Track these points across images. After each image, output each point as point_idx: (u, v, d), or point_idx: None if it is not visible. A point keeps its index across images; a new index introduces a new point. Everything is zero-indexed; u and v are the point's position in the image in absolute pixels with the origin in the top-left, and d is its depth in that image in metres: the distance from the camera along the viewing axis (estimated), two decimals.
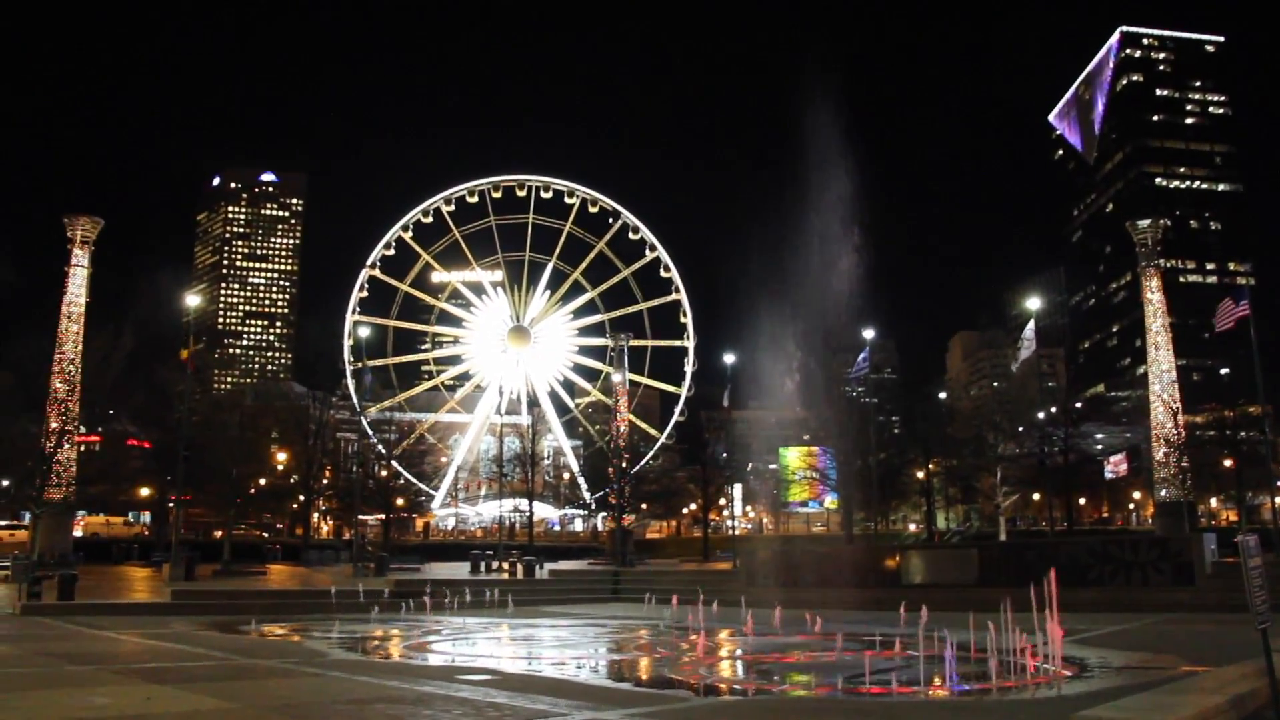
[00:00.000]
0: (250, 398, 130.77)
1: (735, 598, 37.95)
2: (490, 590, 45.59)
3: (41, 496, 70.99)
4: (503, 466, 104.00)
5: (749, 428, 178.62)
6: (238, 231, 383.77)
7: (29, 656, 24.19)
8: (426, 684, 18.76)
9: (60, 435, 73.05)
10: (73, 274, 77.14)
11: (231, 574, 62.68)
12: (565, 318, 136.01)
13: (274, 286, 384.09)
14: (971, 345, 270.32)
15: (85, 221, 78.01)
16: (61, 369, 74.76)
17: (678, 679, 22.07)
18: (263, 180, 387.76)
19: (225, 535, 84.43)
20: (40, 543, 70.40)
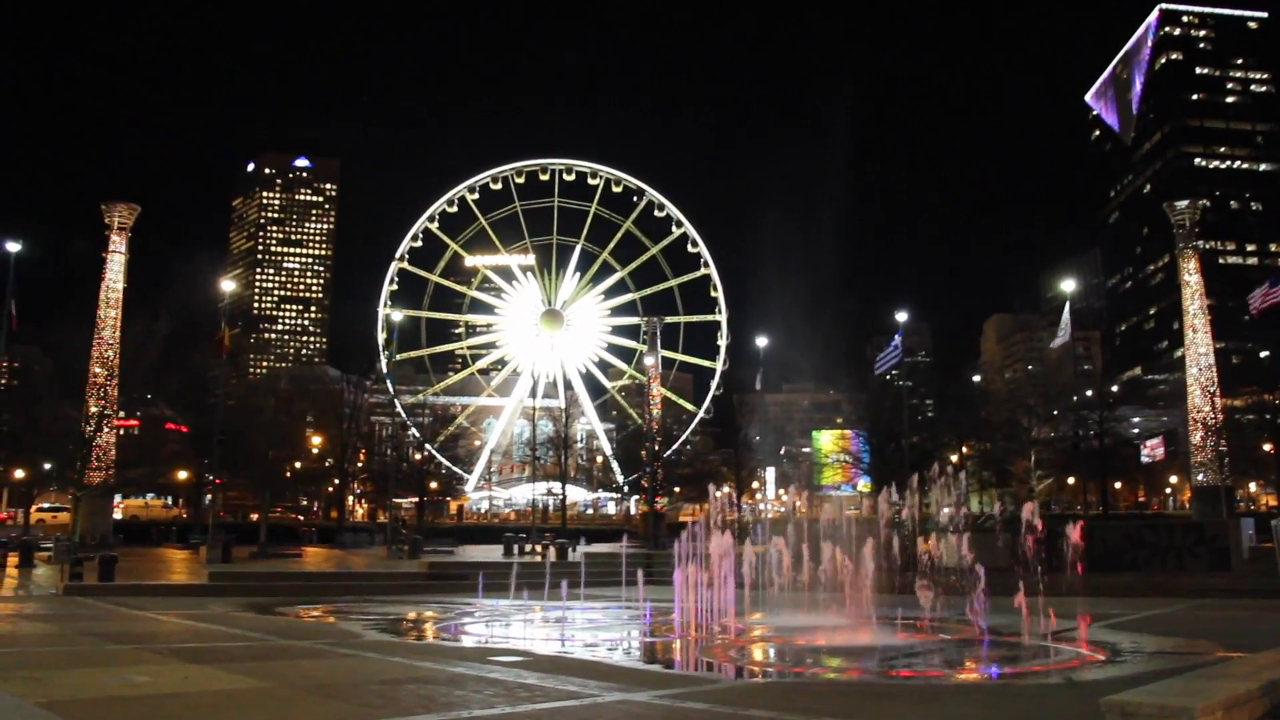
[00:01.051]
0: (285, 382, 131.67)
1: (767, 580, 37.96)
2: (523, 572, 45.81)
3: (82, 480, 71.93)
4: (536, 450, 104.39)
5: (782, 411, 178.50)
6: (272, 217, 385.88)
7: (71, 636, 24.58)
8: (458, 665, 18.91)
9: (99, 419, 73.96)
10: (111, 260, 78.08)
11: (268, 556, 63.29)
12: (596, 299, 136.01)
13: (308, 271, 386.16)
14: (1006, 328, 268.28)
15: (122, 208, 78.89)
16: (100, 354, 75.69)
17: (708, 661, 22.13)
18: (297, 166, 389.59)
19: (262, 518, 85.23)
20: (81, 525, 71.42)
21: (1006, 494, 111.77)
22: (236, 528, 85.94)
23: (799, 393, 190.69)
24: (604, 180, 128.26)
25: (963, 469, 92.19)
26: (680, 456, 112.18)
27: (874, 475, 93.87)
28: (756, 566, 32.10)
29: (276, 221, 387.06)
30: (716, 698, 15.80)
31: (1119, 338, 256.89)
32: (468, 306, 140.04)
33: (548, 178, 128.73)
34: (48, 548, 61.65)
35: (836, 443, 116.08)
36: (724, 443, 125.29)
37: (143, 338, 79.03)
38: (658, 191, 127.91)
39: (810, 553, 31.03)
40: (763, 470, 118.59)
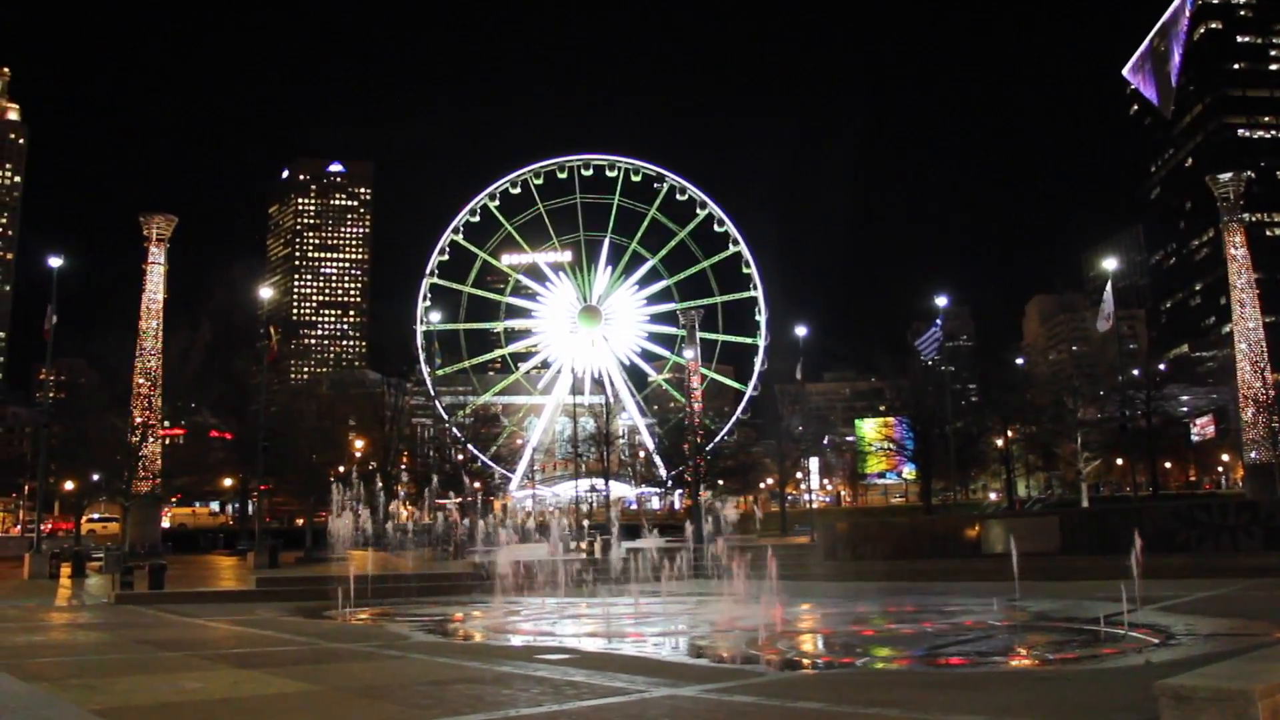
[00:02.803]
0: (326, 386, 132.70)
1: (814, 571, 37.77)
2: (568, 570, 45.84)
3: (130, 490, 72.96)
4: (578, 447, 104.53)
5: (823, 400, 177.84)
6: (308, 223, 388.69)
7: (123, 643, 24.82)
8: (505, 664, 18.89)
9: (145, 430, 74.96)
10: (150, 271, 79.04)
11: (314, 560, 63.72)
12: (631, 291, 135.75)
13: (346, 276, 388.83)
14: (1048, 309, 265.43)
15: (160, 220, 79.82)
16: (143, 365, 76.64)
17: (756, 654, 22.00)
18: (331, 171, 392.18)
19: (307, 522, 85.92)
20: (130, 534, 72.46)
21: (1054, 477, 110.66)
22: (282, 533, 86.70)
23: (840, 381, 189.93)
24: (623, 171, 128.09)
25: (1008, 453, 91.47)
26: (723, 449, 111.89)
27: (919, 462, 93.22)
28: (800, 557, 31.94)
29: (312, 227, 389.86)
30: (765, 690, 15.66)
31: (1164, 315, 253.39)
32: (504, 312, 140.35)
33: (566, 176, 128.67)
34: (99, 557, 62.42)
35: (880, 430, 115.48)
36: (766, 434, 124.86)
37: (184, 347, 79.99)
38: (678, 176, 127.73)
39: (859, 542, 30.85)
40: (806, 460, 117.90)
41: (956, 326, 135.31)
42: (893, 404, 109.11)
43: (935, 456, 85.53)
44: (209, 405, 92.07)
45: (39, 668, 18.96)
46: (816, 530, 67.09)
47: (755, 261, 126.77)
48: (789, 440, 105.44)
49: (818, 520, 78.50)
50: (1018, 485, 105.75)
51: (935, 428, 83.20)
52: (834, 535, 54.03)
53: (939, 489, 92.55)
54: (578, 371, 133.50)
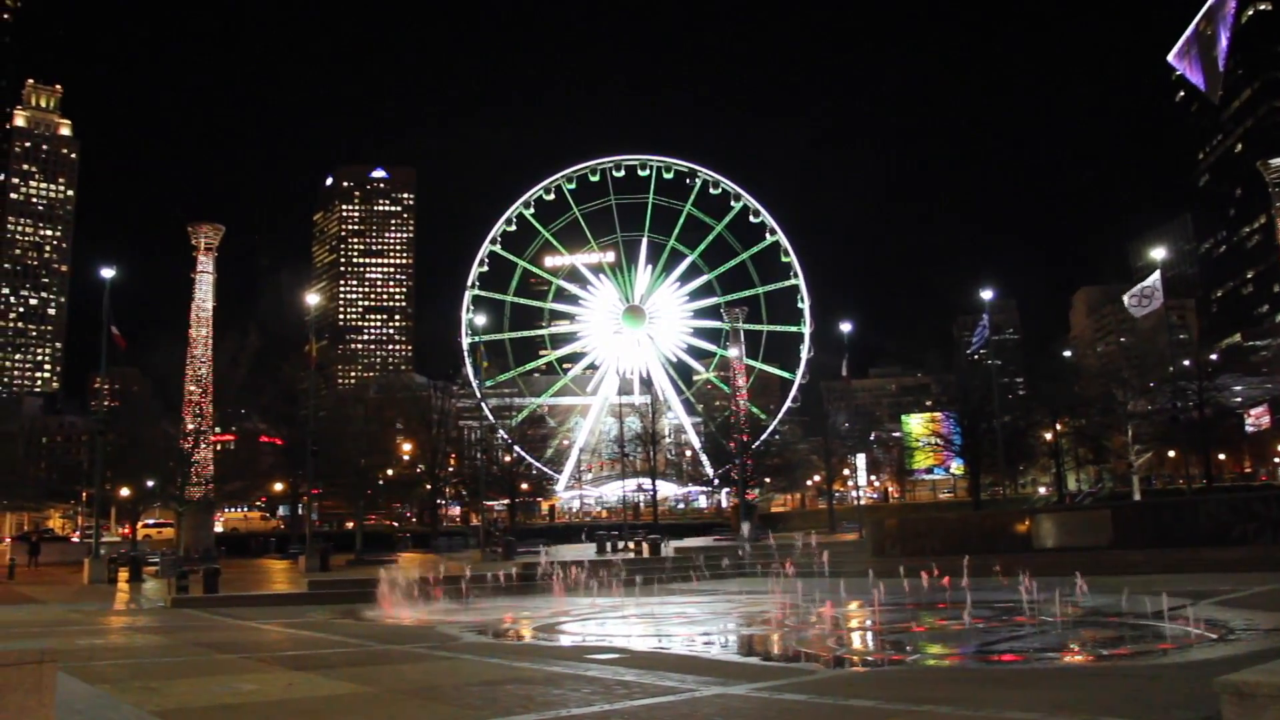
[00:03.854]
0: (374, 391, 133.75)
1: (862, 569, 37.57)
2: (617, 570, 45.92)
3: (183, 495, 73.98)
4: (624, 447, 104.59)
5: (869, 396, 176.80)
6: (353, 229, 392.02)
7: (180, 646, 25.19)
8: (556, 664, 18.97)
9: (197, 436, 76.00)
10: (200, 280, 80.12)
11: (364, 563, 64.26)
12: (673, 289, 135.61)
13: (391, 281, 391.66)
14: (1095, 300, 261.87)
15: (208, 229, 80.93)
16: (194, 372, 77.69)
17: (806, 651, 21.93)
18: (373, 177, 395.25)
19: (357, 526, 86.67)
20: (185, 539, 73.50)
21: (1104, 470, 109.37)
22: (333, 536, 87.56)
23: (886, 377, 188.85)
24: (655, 169, 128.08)
25: (1058, 446, 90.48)
26: (769, 447, 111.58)
27: (966, 457, 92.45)
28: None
29: (357, 233, 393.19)
30: (816, 688, 15.63)
31: (1215, 304, 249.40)
32: (548, 318, 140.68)
33: (599, 178, 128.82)
34: (155, 562, 63.41)
35: (926, 426, 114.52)
36: (812, 431, 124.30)
37: (234, 354, 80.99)
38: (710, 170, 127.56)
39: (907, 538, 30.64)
40: (853, 457, 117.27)
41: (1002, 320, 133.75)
42: (939, 399, 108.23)
43: (983, 451, 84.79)
44: (259, 411, 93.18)
45: (100, 670, 19.29)
46: (865, 527, 66.74)
47: (794, 249, 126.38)
48: (835, 437, 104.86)
49: (866, 517, 78.05)
50: (1067, 479, 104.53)
51: (983, 422, 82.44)
52: (882, 531, 53.69)
53: (987, 484, 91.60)
54: (623, 372, 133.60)
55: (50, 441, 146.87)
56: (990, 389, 75.83)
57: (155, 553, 72.29)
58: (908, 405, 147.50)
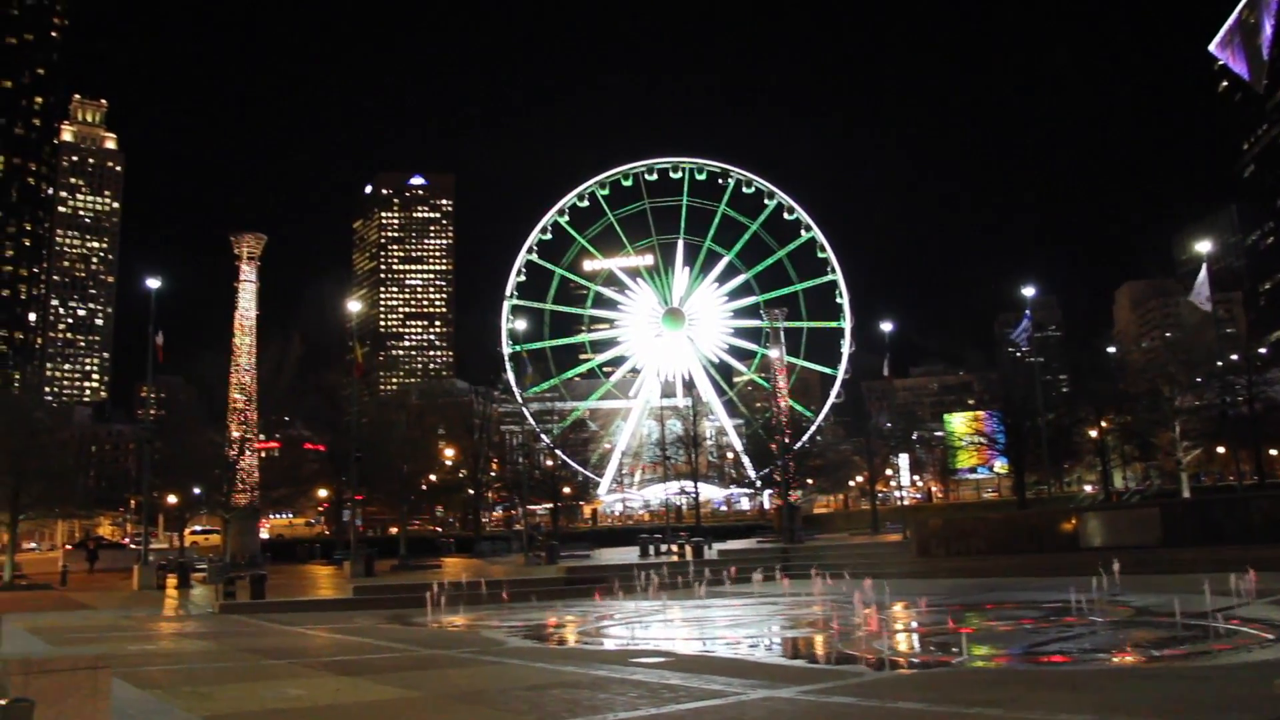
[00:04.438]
0: (415, 397, 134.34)
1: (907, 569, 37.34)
2: (660, 573, 45.88)
3: (229, 502, 74.68)
4: (665, 449, 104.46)
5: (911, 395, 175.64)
6: (392, 236, 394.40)
7: (229, 652, 25.45)
8: (601, 668, 18.99)
9: (242, 443, 76.71)
10: (242, 289, 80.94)
11: (409, 568, 64.56)
12: (712, 289, 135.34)
13: (431, 287, 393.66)
14: (1140, 295, 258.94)
15: (250, 238, 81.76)
16: (238, 380, 78.45)
17: (852, 653, 21.82)
18: (412, 184, 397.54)
19: (401, 531, 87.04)
20: (231, 545, 74.17)
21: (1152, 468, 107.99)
22: (377, 542, 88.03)
23: (927, 376, 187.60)
24: (687, 171, 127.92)
25: (1103, 444, 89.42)
26: (811, 447, 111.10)
27: (1010, 455, 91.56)
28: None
29: (396, 240, 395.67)
30: (862, 691, 15.54)
31: (1263, 297, 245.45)
32: (588, 323, 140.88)
33: (631, 183, 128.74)
34: (202, 568, 64.06)
35: (969, 425, 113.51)
36: (854, 431, 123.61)
37: (277, 362, 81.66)
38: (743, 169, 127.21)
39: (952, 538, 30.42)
40: (895, 457, 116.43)
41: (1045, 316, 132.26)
42: (981, 397, 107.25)
43: (1027, 449, 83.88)
44: (302, 418, 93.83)
45: (151, 675, 19.53)
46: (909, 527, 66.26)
47: (830, 244, 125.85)
48: (877, 437, 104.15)
49: (909, 517, 77.54)
50: (1114, 477, 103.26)
51: (1026, 420, 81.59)
52: (927, 532, 53.28)
53: (1032, 482, 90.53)
54: (664, 375, 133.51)
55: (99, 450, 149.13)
56: (1033, 386, 75.04)
57: (202, 559, 73.09)
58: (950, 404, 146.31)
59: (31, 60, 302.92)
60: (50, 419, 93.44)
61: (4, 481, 65.21)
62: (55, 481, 72.37)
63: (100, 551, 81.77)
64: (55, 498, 74.06)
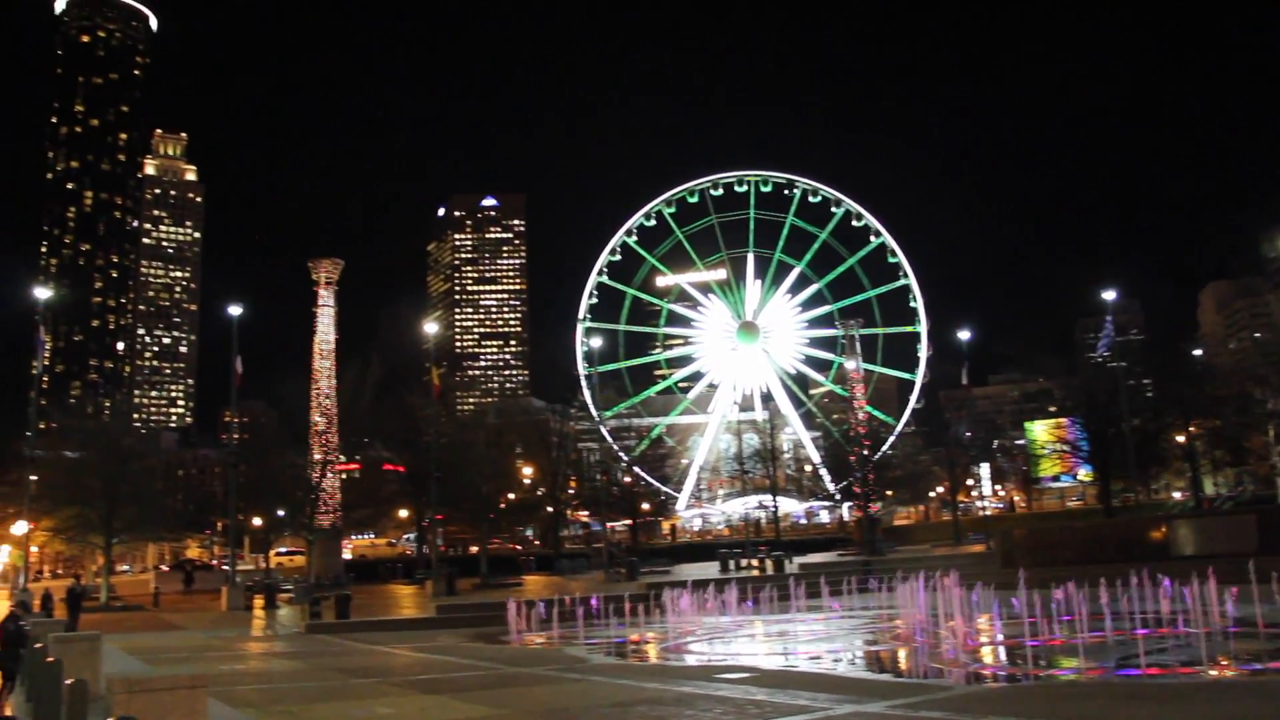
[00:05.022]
0: (493, 416, 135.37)
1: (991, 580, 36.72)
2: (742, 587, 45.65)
3: (313, 524, 75.90)
4: (743, 464, 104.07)
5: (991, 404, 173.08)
6: (465, 257, 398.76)
7: (316, 671, 25.81)
8: (685, 684, 18.93)
9: (323, 466, 77.94)
10: (321, 314, 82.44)
11: (490, 587, 65.04)
12: (784, 301, 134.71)
13: (505, 306, 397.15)
14: (1225, 295, 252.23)
15: (328, 264, 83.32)
16: (319, 404, 79.78)
17: (939, 667, 21.51)
18: (484, 205, 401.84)
19: (481, 550, 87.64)
20: (315, 566, 75.38)
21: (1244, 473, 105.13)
22: (458, 561, 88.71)
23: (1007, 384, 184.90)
24: (753, 184, 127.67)
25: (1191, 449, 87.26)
26: (891, 459, 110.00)
27: (1095, 463, 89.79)
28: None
29: (470, 261, 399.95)
30: (952, 705, 15.31)
31: None
32: (662, 340, 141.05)
33: (697, 199, 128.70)
34: (288, 589, 65.13)
35: (1051, 432, 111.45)
36: (934, 441, 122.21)
37: (356, 385, 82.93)
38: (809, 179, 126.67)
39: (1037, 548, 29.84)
40: (976, 467, 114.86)
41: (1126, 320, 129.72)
42: (1063, 404, 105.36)
43: (1112, 456, 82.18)
44: (382, 439, 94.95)
45: (243, 695, 19.87)
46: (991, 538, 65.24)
47: (900, 249, 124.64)
48: (957, 446, 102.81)
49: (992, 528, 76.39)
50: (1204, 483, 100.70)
51: (1110, 426, 79.99)
52: (1011, 542, 52.41)
53: (1118, 490, 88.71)
54: (741, 388, 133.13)
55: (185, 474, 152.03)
56: (1117, 392, 73.62)
57: (288, 580, 74.34)
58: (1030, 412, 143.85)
59: (116, 98, 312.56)
60: (139, 445, 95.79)
61: (98, 506, 67.21)
62: (146, 506, 74.34)
63: (195, 573, 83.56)
64: (146, 521, 76.01)
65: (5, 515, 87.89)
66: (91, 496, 67.48)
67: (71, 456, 74.87)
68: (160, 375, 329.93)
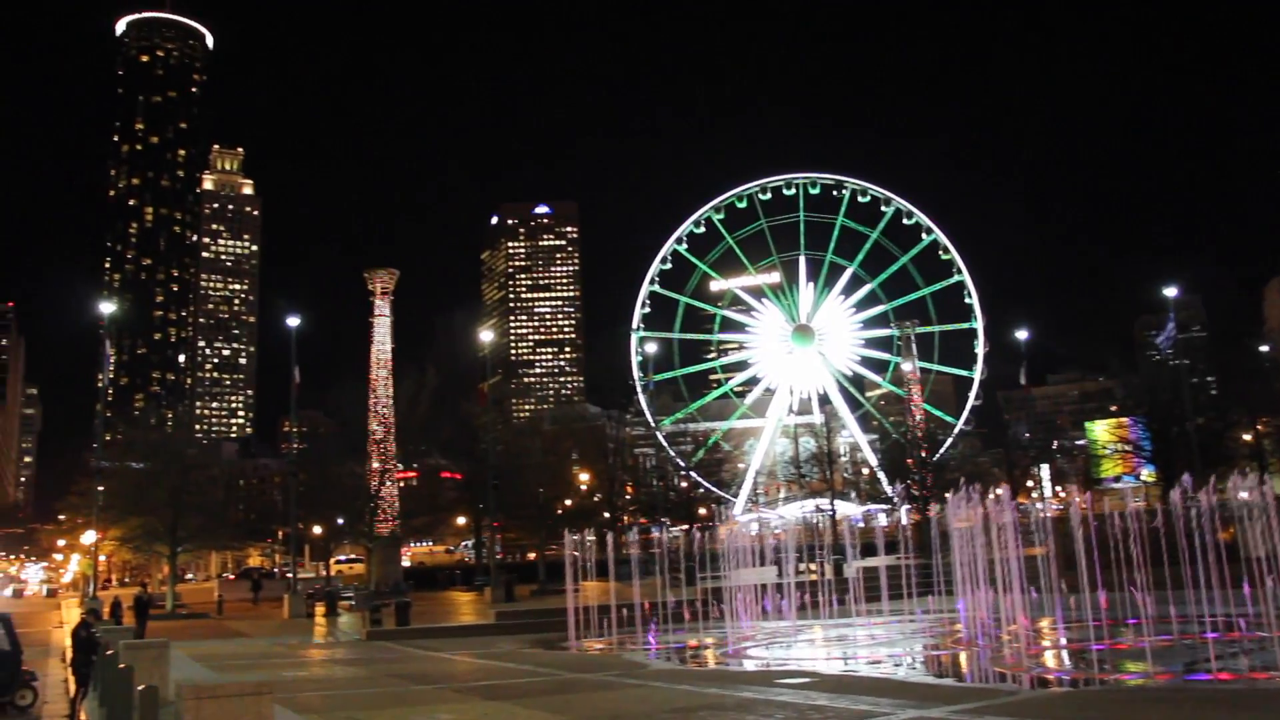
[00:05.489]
0: (548, 423, 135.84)
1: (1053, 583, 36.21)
2: (800, 591, 45.42)
3: (372, 531, 76.58)
4: (800, 467, 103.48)
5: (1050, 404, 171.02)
6: (519, 265, 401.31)
7: (378, 678, 26.05)
8: (746, 689, 18.86)
9: (382, 474, 78.63)
10: (377, 324, 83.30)
11: (548, 593, 65.16)
12: (838, 302, 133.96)
13: (559, 314, 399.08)
14: None
15: (384, 274, 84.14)
16: (377, 413, 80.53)
17: (1001, 671, 21.27)
18: (537, 213, 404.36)
19: (539, 556, 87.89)
20: (375, 573, 76.02)
21: None
22: (516, 567, 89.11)
23: (1066, 383, 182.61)
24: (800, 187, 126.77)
25: (1260, 448, 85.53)
26: (949, 460, 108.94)
27: (1158, 463, 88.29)
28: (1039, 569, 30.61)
29: (524, 269, 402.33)
30: (1016, 710, 15.13)
31: None
32: (719, 326, 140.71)
33: (745, 204, 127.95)
34: (348, 596, 65.75)
35: (1113, 432, 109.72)
36: (992, 442, 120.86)
37: (413, 393, 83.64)
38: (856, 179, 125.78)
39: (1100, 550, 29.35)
40: (1035, 468, 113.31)
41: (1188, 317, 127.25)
42: (1125, 403, 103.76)
43: (1176, 456, 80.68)
44: (439, 447, 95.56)
45: (307, 701, 20.10)
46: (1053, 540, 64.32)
47: (954, 245, 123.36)
48: (1016, 448, 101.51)
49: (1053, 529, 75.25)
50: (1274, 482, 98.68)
51: (1174, 425, 78.59)
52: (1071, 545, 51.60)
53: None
54: (798, 393, 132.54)
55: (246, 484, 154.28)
56: (1180, 390, 72.40)
57: (348, 588, 75.05)
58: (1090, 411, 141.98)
59: (175, 116, 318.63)
60: (202, 456, 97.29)
61: (163, 516, 68.41)
62: (209, 515, 75.57)
63: (264, 582, 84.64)
64: (209, 531, 77.27)
65: (75, 525, 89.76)
66: (157, 506, 68.72)
67: (137, 468, 76.22)
68: (220, 386, 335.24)
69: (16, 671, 23.20)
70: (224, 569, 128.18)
